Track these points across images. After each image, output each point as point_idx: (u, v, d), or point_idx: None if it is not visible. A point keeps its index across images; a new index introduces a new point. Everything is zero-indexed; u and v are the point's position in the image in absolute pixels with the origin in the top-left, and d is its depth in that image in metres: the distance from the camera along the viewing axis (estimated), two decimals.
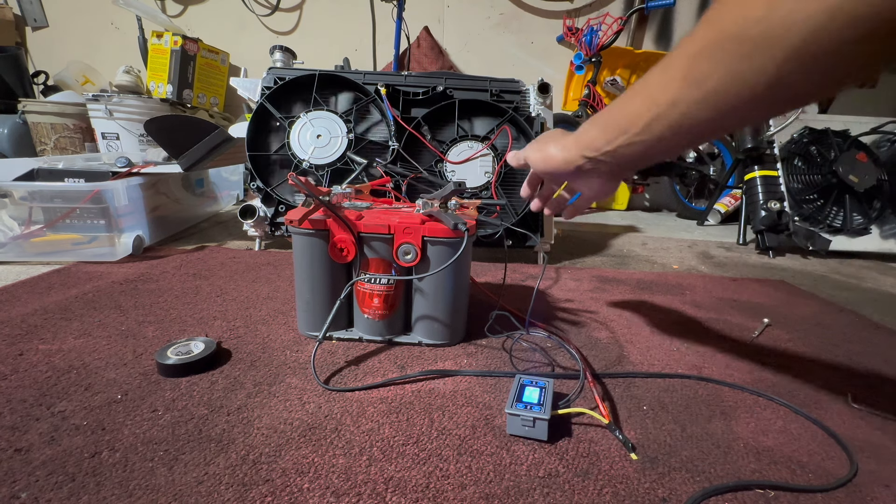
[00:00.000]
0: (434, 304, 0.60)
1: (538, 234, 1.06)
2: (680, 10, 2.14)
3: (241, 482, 0.37)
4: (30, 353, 0.55)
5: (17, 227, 0.95)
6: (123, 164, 1.04)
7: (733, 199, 1.90)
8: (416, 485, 0.37)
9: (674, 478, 0.40)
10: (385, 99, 1.00)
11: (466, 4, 2.16)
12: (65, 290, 0.76)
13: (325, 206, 0.57)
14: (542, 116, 1.06)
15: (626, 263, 1.16)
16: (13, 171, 0.99)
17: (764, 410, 0.51)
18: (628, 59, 2.08)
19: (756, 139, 1.43)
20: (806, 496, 0.38)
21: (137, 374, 0.51)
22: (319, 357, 0.58)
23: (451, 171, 1.02)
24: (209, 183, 1.46)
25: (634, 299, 0.87)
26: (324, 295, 0.61)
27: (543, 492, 0.37)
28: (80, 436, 0.41)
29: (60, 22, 2.22)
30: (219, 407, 0.46)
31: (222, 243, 1.15)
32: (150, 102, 1.82)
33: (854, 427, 0.49)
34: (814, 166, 1.52)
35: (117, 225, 0.95)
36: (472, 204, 0.69)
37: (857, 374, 0.61)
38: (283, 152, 1.02)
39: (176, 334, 0.62)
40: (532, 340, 0.66)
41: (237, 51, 2.17)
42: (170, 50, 1.86)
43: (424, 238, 0.57)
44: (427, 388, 0.52)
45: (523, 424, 0.43)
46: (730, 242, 1.54)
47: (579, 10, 2.15)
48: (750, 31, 0.27)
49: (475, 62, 2.21)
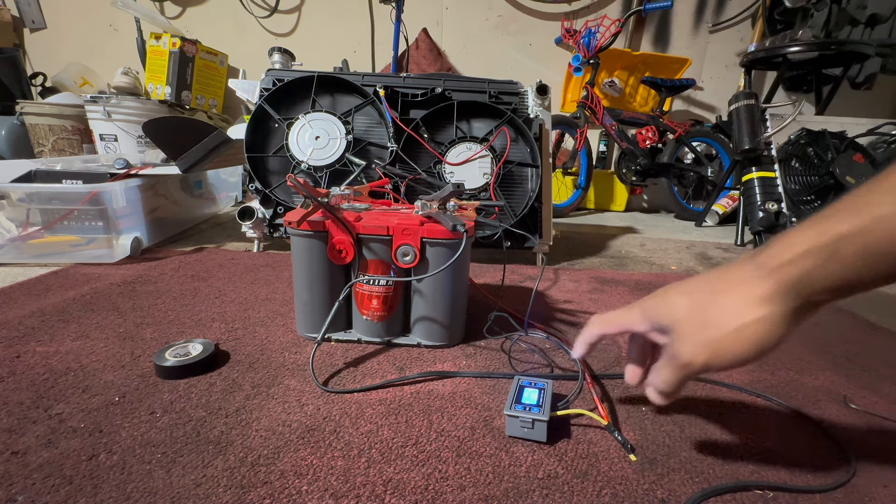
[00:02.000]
0: (433, 306, 0.60)
1: (537, 235, 1.06)
2: (677, 13, 2.15)
3: (240, 484, 0.36)
4: (27, 355, 0.55)
5: (14, 228, 0.94)
6: (122, 165, 1.04)
7: (731, 201, 1.91)
8: (414, 486, 0.37)
9: (673, 479, 0.40)
10: (384, 100, 1.00)
11: (465, 6, 2.16)
12: (62, 292, 0.75)
13: (323, 207, 0.57)
14: (540, 118, 1.06)
15: (625, 264, 1.16)
16: (11, 172, 0.99)
17: (762, 411, 0.51)
18: (626, 61, 2.09)
19: (754, 140, 1.44)
20: (804, 497, 0.38)
21: (135, 377, 0.51)
22: (318, 359, 0.58)
23: (449, 172, 1.02)
24: (208, 184, 1.46)
25: (633, 300, 0.86)
26: (322, 296, 0.61)
27: (543, 493, 0.37)
28: (78, 438, 0.41)
29: (59, 23, 2.22)
30: (217, 409, 0.46)
31: (221, 245, 1.15)
32: (149, 104, 1.82)
33: (852, 428, 0.49)
34: (811, 168, 1.52)
35: (115, 227, 0.95)
36: (470, 205, 0.69)
37: (855, 375, 0.62)
38: (282, 154, 1.02)
39: (174, 336, 0.62)
40: (531, 341, 0.66)
41: (236, 52, 2.17)
42: (168, 51, 1.86)
43: (423, 239, 0.57)
44: (426, 390, 0.52)
45: (522, 426, 0.43)
46: (728, 243, 1.54)
47: (577, 12, 2.15)
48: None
49: (474, 64, 2.22)
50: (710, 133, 1.99)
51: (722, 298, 0.31)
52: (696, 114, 2.29)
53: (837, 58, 1.76)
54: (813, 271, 0.27)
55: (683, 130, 1.94)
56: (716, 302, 0.31)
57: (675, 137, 1.93)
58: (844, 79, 1.96)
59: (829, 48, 1.61)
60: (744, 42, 2.17)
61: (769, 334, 0.29)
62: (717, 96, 2.25)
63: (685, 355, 0.32)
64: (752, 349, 0.29)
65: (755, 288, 0.29)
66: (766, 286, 0.29)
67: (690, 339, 0.31)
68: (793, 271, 0.28)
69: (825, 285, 0.27)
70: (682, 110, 2.29)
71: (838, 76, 1.95)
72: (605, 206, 2.24)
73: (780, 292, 0.28)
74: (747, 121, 1.45)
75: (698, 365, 0.31)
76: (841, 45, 1.60)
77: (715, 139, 1.98)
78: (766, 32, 2.02)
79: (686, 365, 0.32)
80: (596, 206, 2.23)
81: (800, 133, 1.57)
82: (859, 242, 0.25)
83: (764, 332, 0.29)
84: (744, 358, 0.30)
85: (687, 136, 1.95)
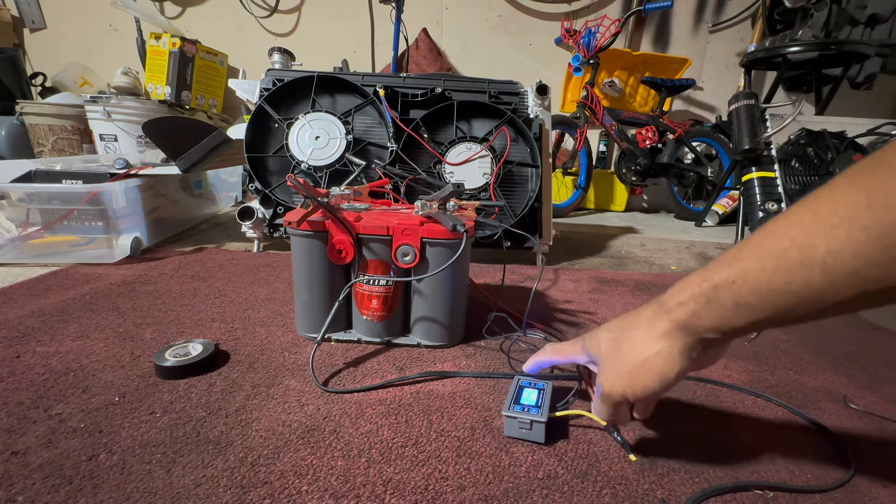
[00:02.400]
0: (433, 306, 0.60)
1: (536, 235, 1.06)
2: (677, 12, 2.15)
3: (240, 484, 0.36)
4: (27, 355, 0.55)
5: (14, 228, 0.94)
6: (121, 165, 1.04)
7: (731, 201, 1.91)
8: (414, 486, 0.37)
9: (672, 479, 0.40)
10: (384, 100, 1.00)
11: (465, 6, 2.16)
12: (62, 292, 0.75)
13: (323, 207, 0.57)
14: (540, 118, 1.06)
15: (625, 264, 1.16)
16: (11, 172, 0.99)
17: (762, 411, 0.51)
18: (626, 61, 2.09)
19: (753, 140, 1.43)
20: (804, 497, 0.38)
21: (135, 377, 0.51)
22: (318, 359, 0.58)
23: (449, 172, 1.02)
24: (208, 184, 1.46)
25: (633, 300, 0.87)
26: (322, 296, 0.61)
27: (542, 493, 0.37)
28: (78, 438, 0.41)
29: (59, 23, 2.22)
30: (217, 409, 0.46)
31: (221, 245, 1.15)
32: (149, 104, 1.82)
33: (852, 427, 0.49)
34: (811, 168, 1.52)
35: (115, 227, 0.95)
36: (470, 205, 0.69)
37: (855, 375, 0.62)
38: (282, 154, 1.02)
39: (174, 336, 0.62)
40: (530, 342, 0.66)
41: (236, 52, 2.17)
42: (168, 51, 1.86)
43: (423, 239, 0.57)
44: (426, 390, 0.52)
45: (520, 427, 0.43)
46: (727, 243, 1.54)
47: (577, 13, 2.15)
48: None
49: (473, 64, 2.22)
50: (709, 133, 1.99)
51: (632, 333, 0.34)
52: (696, 114, 2.29)
53: (837, 58, 1.76)
54: (698, 312, 0.30)
55: (683, 130, 1.94)
56: (627, 338, 0.34)
57: (674, 137, 1.93)
58: (844, 79, 1.96)
59: (829, 48, 1.61)
60: (744, 42, 2.17)
61: (668, 367, 0.32)
62: (717, 96, 2.25)
63: (606, 386, 0.35)
64: (657, 380, 0.32)
65: (656, 325, 0.32)
66: (663, 323, 0.32)
67: (610, 372, 0.35)
68: (682, 312, 0.31)
69: (709, 325, 0.30)
70: (682, 110, 2.29)
71: (838, 76, 1.95)
72: (605, 206, 2.24)
73: (673, 330, 0.32)
74: (747, 121, 1.45)
75: (617, 395, 0.34)
76: (841, 45, 1.60)
77: (715, 139, 1.98)
78: (766, 32, 2.02)
79: (608, 395, 0.35)
80: (596, 206, 2.23)
81: (800, 133, 1.57)
82: (730, 291, 0.28)
83: (662, 364, 0.32)
84: (652, 389, 0.33)
85: (687, 136, 1.95)
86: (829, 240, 0.23)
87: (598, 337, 0.37)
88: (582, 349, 0.39)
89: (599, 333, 0.37)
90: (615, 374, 0.34)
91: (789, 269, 0.25)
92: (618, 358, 0.34)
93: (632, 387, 0.33)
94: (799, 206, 0.26)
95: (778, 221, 0.27)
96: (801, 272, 0.25)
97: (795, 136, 1.57)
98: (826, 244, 0.24)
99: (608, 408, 0.37)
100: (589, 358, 0.39)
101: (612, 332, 0.36)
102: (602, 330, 0.37)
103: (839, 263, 0.23)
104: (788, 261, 0.25)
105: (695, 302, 0.30)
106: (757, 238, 0.28)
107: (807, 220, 0.25)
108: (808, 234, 0.25)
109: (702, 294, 0.30)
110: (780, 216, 0.27)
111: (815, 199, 0.25)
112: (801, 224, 0.25)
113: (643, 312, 0.34)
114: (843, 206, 0.23)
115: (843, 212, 0.23)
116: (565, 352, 0.42)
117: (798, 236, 0.25)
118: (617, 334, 0.35)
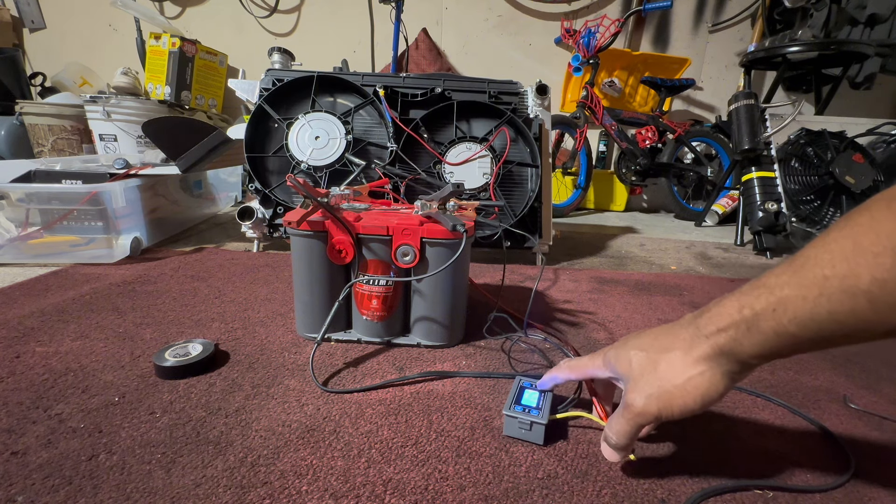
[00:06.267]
0: (433, 306, 0.60)
1: (536, 235, 1.06)
2: (677, 12, 2.15)
3: (240, 485, 0.36)
4: (26, 355, 0.55)
5: (14, 228, 0.94)
6: (121, 165, 1.04)
7: (731, 201, 1.91)
8: (414, 487, 0.37)
9: (672, 479, 0.40)
10: (383, 100, 1.00)
11: (464, 6, 2.16)
12: (62, 293, 0.75)
13: (323, 207, 0.57)
14: (540, 118, 1.06)
15: (625, 264, 1.16)
16: (10, 172, 0.99)
17: (762, 411, 0.51)
18: (626, 61, 2.09)
19: (753, 140, 1.44)
20: (804, 497, 0.38)
21: (135, 377, 0.51)
22: (318, 359, 0.58)
23: (449, 172, 1.02)
24: (207, 184, 1.46)
25: (633, 300, 0.87)
26: (322, 296, 0.61)
27: (542, 493, 0.37)
28: (77, 438, 0.41)
29: (58, 23, 2.22)
30: (217, 409, 0.46)
31: (220, 245, 1.14)
32: (148, 104, 1.82)
33: (852, 427, 0.49)
34: (811, 167, 1.52)
35: (115, 227, 0.95)
36: (470, 205, 0.69)
37: (855, 375, 0.62)
38: (282, 154, 1.02)
39: (174, 336, 0.62)
40: (530, 342, 0.66)
41: (235, 52, 2.16)
42: (168, 51, 1.86)
43: (423, 239, 0.57)
44: (426, 390, 0.52)
45: (520, 427, 0.43)
46: (727, 243, 1.54)
47: (577, 13, 2.15)
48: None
49: (473, 64, 2.22)
50: (709, 133, 1.99)
51: (670, 355, 0.33)
52: (695, 114, 2.29)
53: (837, 58, 1.76)
54: (739, 340, 0.30)
55: (683, 130, 1.94)
56: (665, 358, 0.34)
57: (674, 137, 1.93)
58: (844, 79, 1.96)
59: (828, 48, 1.61)
60: (743, 42, 2.17)
61: (710, 390, 0.32)
62: (717, 96, 2.25)
63: (638, 405, 0.34)
64: (698, 401, 0.32)
65: (696, 348, 0.32)
66: (703, 348, 0.32)
67: (644, 391, 0.34)
68: (722, 339, 0.31)
69: (752, 353, 0.30)
70: (681, 110, 2.30)
71: (838, 76, 1.95)
72: (605, 206, 2.24)
73: (714, 355, 0.31)
74: (747, 121, 1.45)
75: (651, 414, 0.34)
76: (840, 45, 1.60)
77: (715, 139, 1.99)
78: (766, 32, 2.02)
79: (640, 414, 0.34)
80: (596, 206, 2.23)
81: (799, 133, 1.57)
82: (771, 321, 0.28)
83: (705, 387, 0.32)
84: (691, 409, 0.33)
85: (687, 135, 1.95)
86: (874, 269, 0.23)
87: (628, 354, 0.36)
88: (604, 364, 0.38)
89: (628, 351, 0.36)
90: (652, 393, 0.33)
91: (832, 298, 0.25)
92: (655, 376, 0.33)
93: (669, 407, 0.33)
94: (836, 230, 0.26)
95: (816, 247, 0.27)
96: (845, 302, 0.24)
97: (795, 135, 1.57)
98: (871, 273, 0.23)
99: (633, 428, 0.35)
100: (613, 374, 0.38)
101: (645, 350, 0.35)
102: (631, 347, 0.36)
103: (886, 293, 0.23)
104: (831, 290, 0.25)
105: (735, 329, 0.30)
106: (796, 263, 0.28)
107: (848, 248, 0.24)
108: (850, 263, 0.24)
109: (742, 321, 0.29)
110: (817, 242, 0.27)
111: (856, 224, 0.25)
112: (841, 252, 0.25)
113: (679, 334, 0.34)
114: (887, 233, 0.23)
115: (887, 240, 0.23)
116: (583, 368, 0.41)
117: (839, 264, 0.25)
118: (652, 354, 0.34)
